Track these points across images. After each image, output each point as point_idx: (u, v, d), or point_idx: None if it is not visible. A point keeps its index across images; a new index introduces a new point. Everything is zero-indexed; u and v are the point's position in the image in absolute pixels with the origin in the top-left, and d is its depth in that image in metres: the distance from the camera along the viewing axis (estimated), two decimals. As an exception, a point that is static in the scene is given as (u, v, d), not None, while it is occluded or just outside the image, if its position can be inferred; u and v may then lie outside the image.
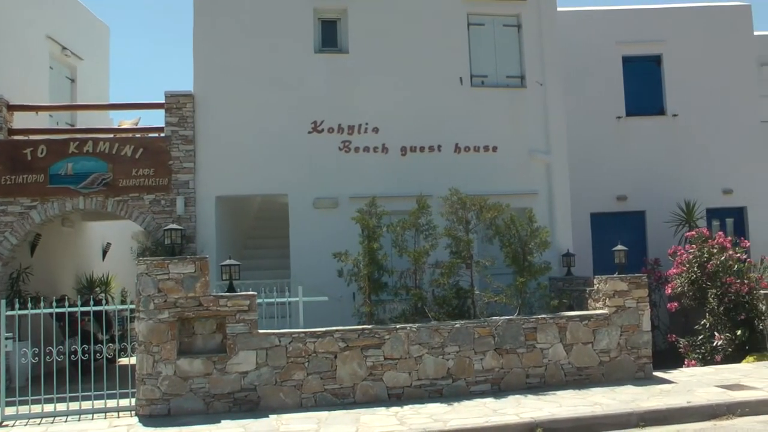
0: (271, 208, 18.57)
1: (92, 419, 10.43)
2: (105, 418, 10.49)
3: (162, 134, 15.35)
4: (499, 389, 11.27)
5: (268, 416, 10.18)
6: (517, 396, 10.81)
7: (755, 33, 22.30)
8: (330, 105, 15.55)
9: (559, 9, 17.52)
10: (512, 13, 16.65)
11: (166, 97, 15.26)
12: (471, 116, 15.98)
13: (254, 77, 15.46)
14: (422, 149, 15.75)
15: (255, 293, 11.10)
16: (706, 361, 14.51)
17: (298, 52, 15.67)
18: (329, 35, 16.10)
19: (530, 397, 10.71)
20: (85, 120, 19.06)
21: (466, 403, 10.47)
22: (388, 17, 16.03)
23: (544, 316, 11.83)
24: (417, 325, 11.36)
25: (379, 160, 15.56)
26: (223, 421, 9.93)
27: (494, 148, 15.96)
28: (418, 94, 15.84)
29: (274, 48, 15.61)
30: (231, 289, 11.26)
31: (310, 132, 15.48)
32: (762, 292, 14.94)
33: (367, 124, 15.62)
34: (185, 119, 15.17)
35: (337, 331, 11.03)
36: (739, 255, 15.42)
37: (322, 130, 15.49)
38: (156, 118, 19.07)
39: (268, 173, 15.25)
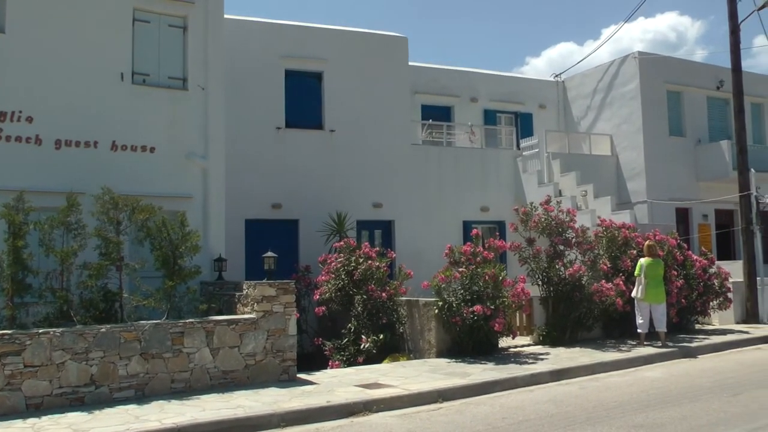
0: None
1: None
2: None
3: None
4: (143, 395, 10.99)
5: None
6: (162, 401, 10.63)
7: (410, 63, 24.14)
8: (-19, 87, 14.17)
9: (225, 16, 17.60)
10: (179, 14, 16.42)
11: None
12: (131, 114, 15.46)
13: None
14: (78, 144, 14.91)
15: None
16: (350, 362, 15.38)
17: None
18: (-17, 11, 14.66)
19: (174, 402, 10.59)
20: None
21: (108, 411, 10.09)
22: (51, 0, 15.05)
23: (192, 320, 11.75)
24: (61, 329, 10.70)
25: (32, 151, 14.43)
26: None
27: (152, 149, 15.60)
28: (78, 85, 14.98)
29: None
30: None
31: (-44, 115, 14.02)
32: (402, 298, 16.14)
33: (20, 112, 14.40)
34: None
35: (-28, 338, 10.08)
36: (382, 264, 16.53)
37: (-30, 113, 14.10)
38: None
39: None
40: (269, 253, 14.32)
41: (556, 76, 31.54)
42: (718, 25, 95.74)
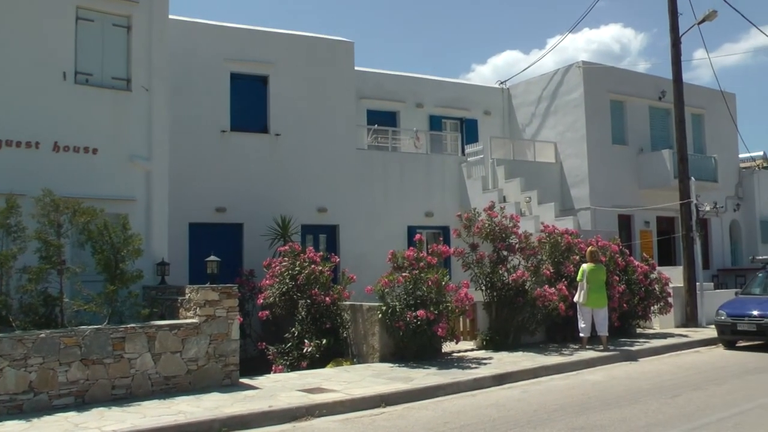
0: None
1: None
2: None
3: None
4: (83, 402, 10.77)
5: None
6: (102, 408, 10.44)
7: (356, 68, 24.13)
8: None
9: (171, 17, 17.40)
10: (123, 13, 16.14)
11: None
12: (73, 114, 15.16)
13: None
14: (19, 144, 14.49)
15: None
16: (293, 367, 15.32)
17: None
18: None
19: (115, 409, 10.42)
20: None
21: (47, 419, 9.86)
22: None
23: (133, 325, 11.55)
24: (0, 335, 10.53)
25: (-26, 152, 14.11)
26: None
27: (95, 150, 15.30)
28: (19, 84, 14.60)
29: None
30: None
31: None
32: (346, 303, 16.13)
33: (-40, 111, 14.05)
34: None
35: None
36: (325, 269, 16.50)
37: None
38: None
39: None
40: (212, 257, 14.20)
41: (502, 83, 31.84)
42: (661, 37, 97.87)
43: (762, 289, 19.52)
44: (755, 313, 17.37)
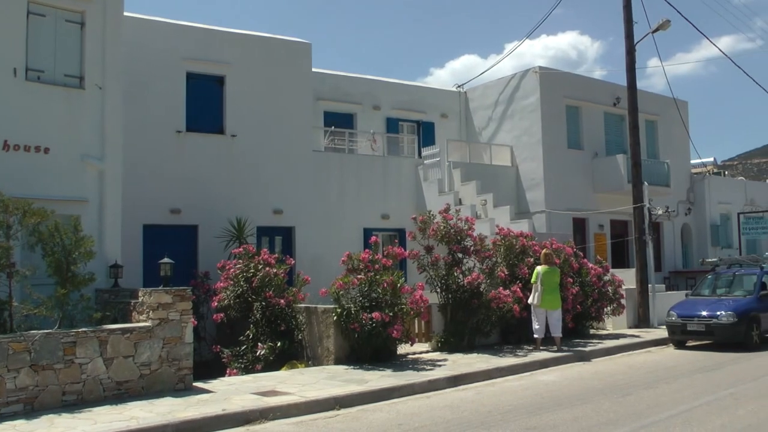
0: None
1: None
2: None
3: None
4: (33, 409, 10.48)
5: None
6: (52, 415, 10.21)
7: (314, 69, 24.07)
8: None
9: (126, 14, 17.19)
10: (77, 9, 15.85)
11: None
12: (24, 112, 14.85)
13: None
14: (-33, 142, 14.32)
15: None
16: (248, 370, 15.21)
17: None
18: None
19: (65, 415, 10.20)
20: None
21: (-7, 427, 9.71)
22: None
23: (85, 329, 11.30)
24: (-55, 340, 10.25)
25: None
26: None
27: (46, 150, 15.02)
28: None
29: None
30: None
31: None
32: (301, 305, 16.06)
33: None
34: None
35: None
36: (280, 271, 16.41)
37: None
38: None
39: None
40: (165, 260, 14.03)
41: (459, 86, 31.98)
42: (616, 45, 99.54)
43: (711, 290, 19.97)
44: (704, 313, 17.76)
